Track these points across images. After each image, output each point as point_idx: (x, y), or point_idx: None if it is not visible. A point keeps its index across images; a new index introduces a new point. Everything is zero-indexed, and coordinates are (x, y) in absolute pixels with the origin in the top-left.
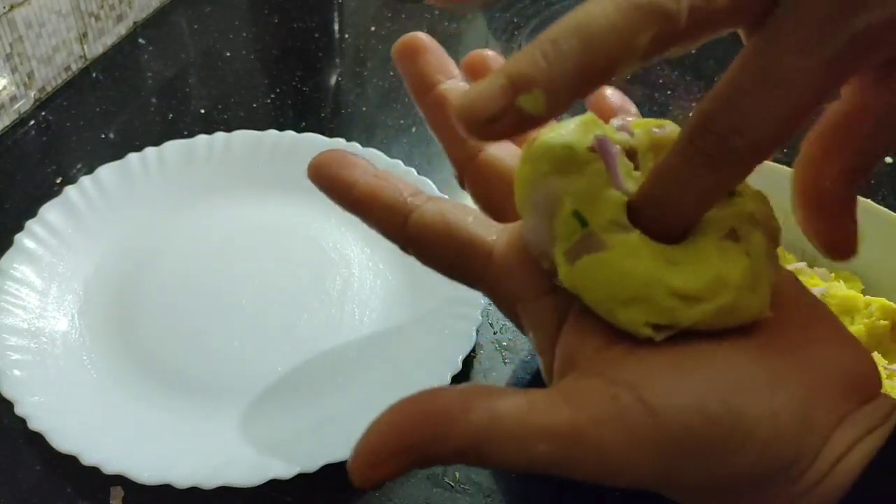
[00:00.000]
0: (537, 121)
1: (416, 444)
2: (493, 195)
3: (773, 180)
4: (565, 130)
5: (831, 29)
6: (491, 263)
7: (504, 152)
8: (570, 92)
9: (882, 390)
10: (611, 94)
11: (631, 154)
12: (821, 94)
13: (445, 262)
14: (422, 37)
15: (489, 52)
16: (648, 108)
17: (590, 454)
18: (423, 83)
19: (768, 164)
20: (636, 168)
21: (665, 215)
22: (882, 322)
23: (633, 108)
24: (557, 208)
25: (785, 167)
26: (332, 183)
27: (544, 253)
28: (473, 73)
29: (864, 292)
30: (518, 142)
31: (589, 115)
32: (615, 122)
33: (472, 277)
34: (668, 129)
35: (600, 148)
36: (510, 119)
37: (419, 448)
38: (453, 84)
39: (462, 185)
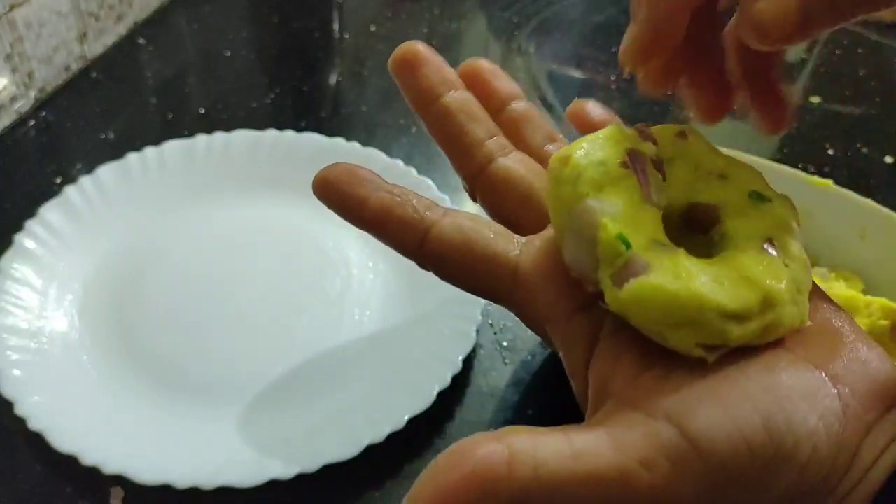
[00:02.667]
0: None
1: None
2: (507, 206)
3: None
4: (594, 146)
5: None
6: (518, 281)
7: (515, 162)
8: None
9: None
10: (592, 108)
11: (657, 163)
12: None
13: (468, 280)
14: (419, 47)
15: (483, 62)
16: (649, 108)
17: (638, 497)
18: (425, 97)
19: (768, 163)
20: (664, 178)
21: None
22: (882, 322)
23: (617, 120)
24: (599, 232)
25: (785, 167)
26: (341, 201)
27: (587, 276)
28: (469, 82)
29: (864, 292)
30: (534, 155)
31: (614, 127)
32: (636, 129)
33: (498, 295)
34: (692, 137)
35: (633, 163)
36: None
37: None
38: (456, 96)
39: (473, 199)
